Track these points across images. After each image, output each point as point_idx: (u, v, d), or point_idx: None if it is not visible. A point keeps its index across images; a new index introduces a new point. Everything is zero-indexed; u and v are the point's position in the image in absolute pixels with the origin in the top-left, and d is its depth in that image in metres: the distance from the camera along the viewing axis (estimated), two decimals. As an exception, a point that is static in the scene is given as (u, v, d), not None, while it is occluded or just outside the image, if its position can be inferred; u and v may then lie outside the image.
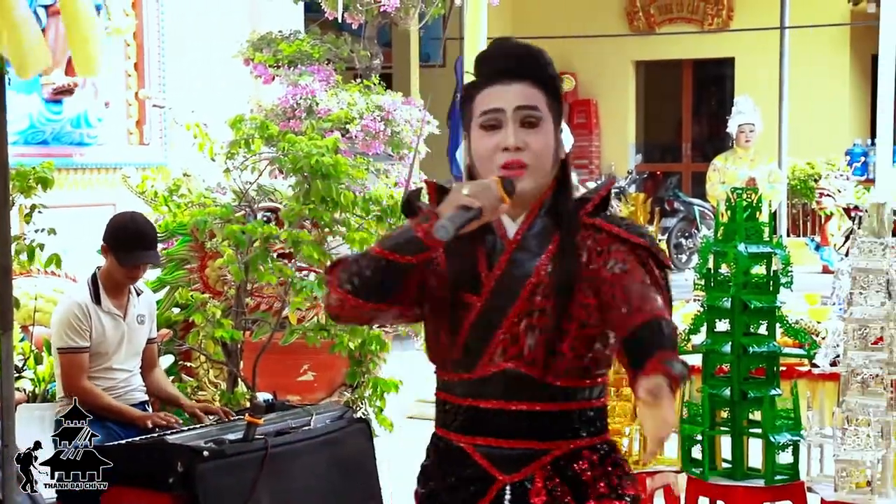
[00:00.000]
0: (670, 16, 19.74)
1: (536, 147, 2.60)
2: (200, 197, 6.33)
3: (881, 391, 4.75)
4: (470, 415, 2.63)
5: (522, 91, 2.61)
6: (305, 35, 8.92)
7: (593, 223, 2.63)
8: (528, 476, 2.60)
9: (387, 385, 5.93)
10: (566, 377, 2.59)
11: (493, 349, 2.59)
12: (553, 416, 2.60)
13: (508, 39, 2.71)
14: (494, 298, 2.59)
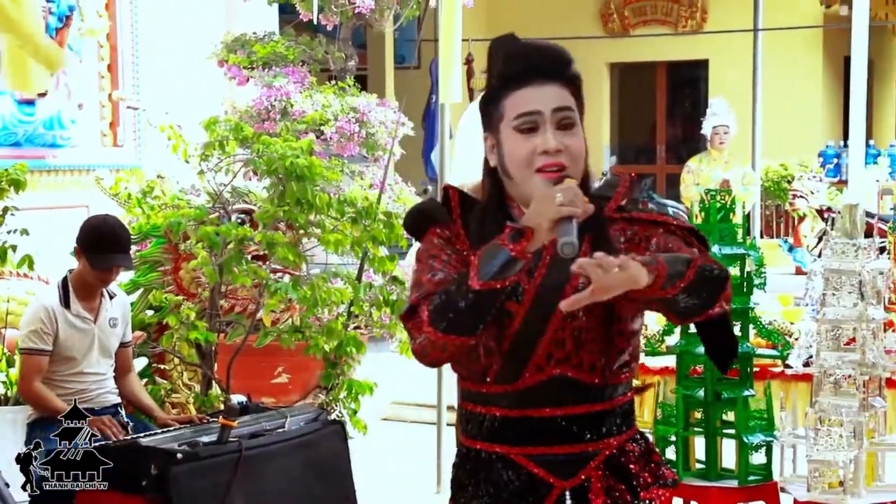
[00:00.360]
0: (644, 18, 19.80)
1: (575, 149, 2.56)
2: (174, 199, 6.31)
3: (853, 392, 4.77)
4: (521, 425, 2.60)
5: (557, 92, 2.57)
6: (280, 37, 8.91)
7: (626, 216, 2.64)
8: (586, 479, 2.60)
9: (361, 387, 5.92)
10: (610, 375, 2.60)
11: (540, 356, 2.56)
12: (601, 415, 2.61)
13: (518, 39, 2.66)
14: (537, 305, 2.55)
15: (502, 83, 2.60)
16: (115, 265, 5.07)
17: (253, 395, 5.17)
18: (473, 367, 2.61)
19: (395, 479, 7.12)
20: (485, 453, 2.64)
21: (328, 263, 7.22)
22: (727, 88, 15.69)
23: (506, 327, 2.55)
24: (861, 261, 4.80)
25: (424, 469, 7.03)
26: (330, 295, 5.58)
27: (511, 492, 2.60)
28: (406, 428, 8.52)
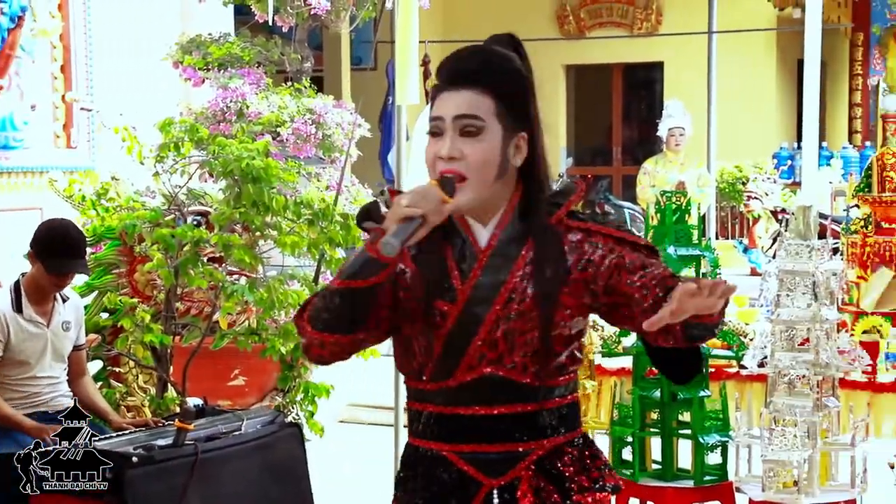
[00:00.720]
0: (600, 20, 19.87)
1: (473, 157, 2.55)
2: (129, 201, 6.27)
3: (807, 392, 4.81)
4: (452, 422, 2.63)
5: (467, 99, 2.57)
6: (235, 38, 8.88)
7: (567, 224, 2.64)
8: (515, 478, 2.61)
9: (318, 389, 5.91)
10: (543, 377, 2.61)
11: (472, 356, 2.59)
12: (533, 416, 2.62)
13: (481, 45, 2.68)
14: (470, 305, 2.58)
15: (433, 87, 2.66)
16: (71, 271, 5.03)
17: (209, 398, 5.14)
18: (411, 366, 2.65)
19: (352, 481, 7.11)
20: (422, 450, 2.67)
21: (285, 265, 7.20)
22: (682, 90, 15.78)
23: (439, 327, 2.58)
24: (815, 262, 4.84)
25: (381, 471, 7.02)
26: (287, 297, 5.56)
27: (443, 488, 2.62)
28: (363, 430, 8.51)
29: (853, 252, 6.53)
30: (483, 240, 2.62)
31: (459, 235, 2.63)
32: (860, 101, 19.46)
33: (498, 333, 2.58)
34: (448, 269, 2.61)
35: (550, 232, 2.62)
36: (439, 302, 2.58)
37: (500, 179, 2.59)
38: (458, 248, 2.63)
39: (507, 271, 2.59)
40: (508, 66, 2.64)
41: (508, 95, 2.61)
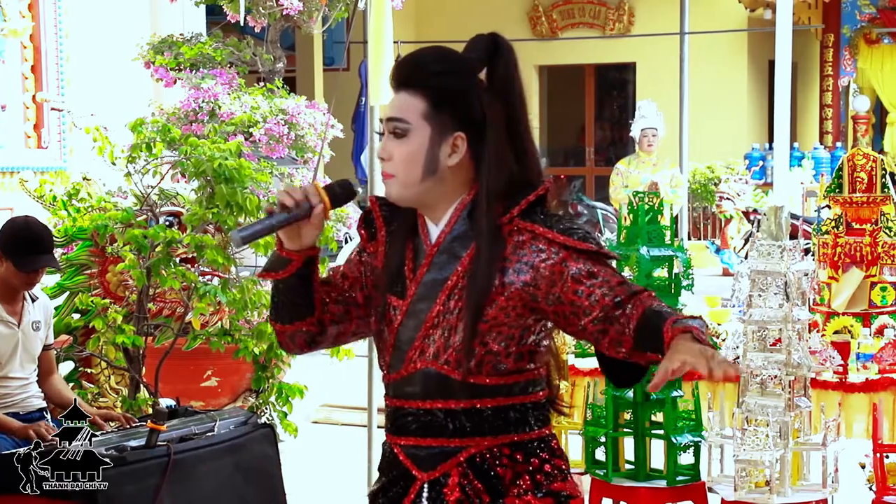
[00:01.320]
0: (572, 21, 19.91)
1: (398, 157, 2.63)
2: (101, 201, 6.24)
3: (779, 392, 4.83)
4: (397, 415, 2.70)
5: (399, 101, 2.65)
6: (207, 38, 8.85)
7: (517, 225, 2.63)
8: (445, 473, 2.64)
9: (292, 390, 5.90)
10: (482, 375, 2.62)
11: (414, 350, 2.64)
12: (469, 413, 2.63)
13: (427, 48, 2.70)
14: (417, 301, 2.64)
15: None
16: (42, 266, 5.01)
17: (182, 399, 5.12)
18: (380, 360, 2.74)
19: (326, 482, 7.10)
20: (385, 443, 2.76)
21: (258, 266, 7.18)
22: (655, 91, 15.84)
23: (392, 321, 2.67)
24: (786, 262, 4.86)
25: (355, 472, 7.01)
26: (260, 297, 5.55)
27: (390, 479, 2.72)
28: (336, 431, 8.50)
29: (824, 252, 6.55)
30: (433, 237, 2.68)
31: (417, 234, 2.70)
32: (831, 102, 19.57)
33: (437, 330, 2.62)
34: (404, 264, 2.68)
35: (494, 232, 2.62)
36: (391, 297, 2.67)
37: (431, 178, 2.63)
38: (415, 246, 2.69)
39: (451, 269, 2.63)
40: (442, 67, 2.64)
41: (440, 97, 2.62)
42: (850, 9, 19.09)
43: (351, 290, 2.74)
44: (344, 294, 2.75)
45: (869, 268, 6.46)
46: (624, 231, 5.14)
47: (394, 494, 2.69)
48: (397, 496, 2.68)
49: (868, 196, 6.47)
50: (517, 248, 2.61)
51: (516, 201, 2.63)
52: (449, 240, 2.66)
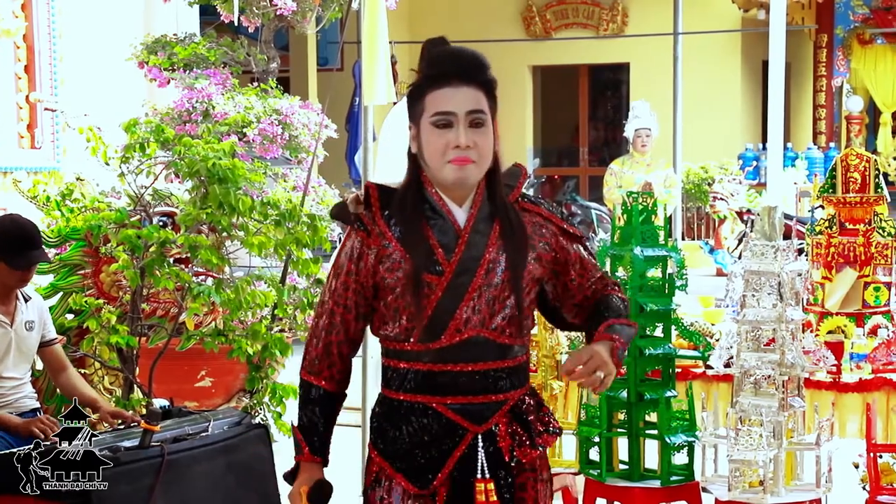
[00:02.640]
0: (566, 21, 19.92)
1: (483, 146, 2.99)
2: (94, 201, 6.24)
3: (773, 392, 4.83)
4: (441, 378, 3.01)
5: (471, 95, 2.98)
6: (201, 38, 8.83)
7: (524, 206, 3.10)
8: (495, 425, 3.04)
9: (286, 390, 5.90)
10: (515, 337, 3.06)
11: (458, 320, 2.99)
12: (508, 371, 3.06)
13: (446, 43, 3.05)
14: (456, 277, 2.99)
15: (425, 82, 3.02)
16: (35, 262, 5.00)
17: (175, 399, 5.12)
18: (395, 330, 3.05)
19: (320, 483, 7.08)
20: (407, 403, 3.05)
21: (252, 266, 7.17)
22: (648, 91, 15.84)
23: (428, 296, 2.99)
24: (780, 262, 4.86)
25: (349, 471, 7.00)
26: (254, 298, 5.55)
27: (432, 436, 3.02)
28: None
29: (818, 253, 6.56)
30: (461, 219, 3.03)
31: (440, 216, 3.03)
32: (824, 103, 19.60)
33: (481, 300, 3.00)
34: (432, 246, 3.01)
35: (512, 210, 3.07)
36: (426, 275, 2.99)
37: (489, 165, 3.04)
38: (438, 227, 3.03)
39: (484, 245, 3.02)
40: (489, 65, 3.04)
41: (492, 93, 3.04)
42: (843, 9, 19.12)
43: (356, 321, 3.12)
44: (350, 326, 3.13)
45: (862, 268, 6.46)
46: (618, 231, 5.14)
47: (443, 449, 3.02)
48: (447, 450, 3.02)
49: (861, 196, 6.48)
50: (534, 227, 3.09)
51: (511, 185, 3.10)
52: (478, 220, 3.03)
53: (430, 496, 3.03)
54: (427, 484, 3.02)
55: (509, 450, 3.04)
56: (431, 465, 3.02)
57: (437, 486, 3.02)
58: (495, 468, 3.04)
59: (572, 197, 17.18)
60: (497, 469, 3.04)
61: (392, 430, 3.07)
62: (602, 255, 5.15)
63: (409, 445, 3.03)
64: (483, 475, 3.03)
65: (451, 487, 3.03)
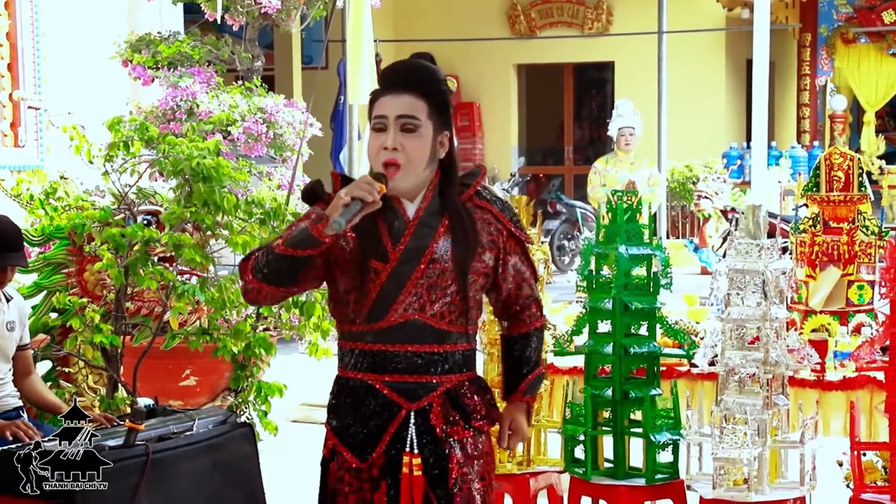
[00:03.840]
0: (551, 20, 19.92)
1: (411, 149, 3.21)
2: (78, 200, 6.22)
3: (757, 390, 4.84)
4: (379, 357, 3.25)
5: (406, 102, 3.21)
6: (185, 36, 8.82)
7: (476, 203, 3.33)
8: (428, 404, 3.26)
9: (271, 389, 5.89)
10: (455, 324, 3.28)
11: (399, 304, 3.23)
12: (445, 355, 3.28)
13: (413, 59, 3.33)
14: (400, 265, 3.22)
15: (377, 90, 3.29)
16: (12, 264, 4.97)
17: (160, 398, 5.11)
18: (345, 312, 3.28)
19: (305, 481, 7.08)
20: (352, 381, 3.30)
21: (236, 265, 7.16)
22: (633, 90, 15.86)
23: (373, 281, 3.22)
24: (764, 261, 4.87)
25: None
26: (238, 296, 5.54)
27: (371, 411, 3.26)
28: (316, 429, 8.48)
29: (802, 251, 6.57)
30: (411, 213, 3.27)
31: (392, 210, 3.25)
32: (808, 101, 19.64)
33: (422, 287, 3.23)
34: (381, 235, 3.24)
35: (462, 207, 3.29)
36: (373, 261, 3.22)
37: (429, 167, 3.27)
38: (389, 219, 3.25)
39: (430, 238, 3.24)
40: (438, 77, 3.29)
41: (438, 102, 3.26)
42: (827, 8, 19.16)
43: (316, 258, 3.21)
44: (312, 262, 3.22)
45: (846, 266, 6.48)
46: (602, 230, 5.15)
47: (378, 423, 3.25)
48: (382, 424, 3.25)
49: (845, 195, 6.50)
50: (483, 224, 3.32)
51: (467, 184, 3.34)
52: (426, 214, 3.26)
53: (368, 468, 3.27)
54: (366, 457, 3.26)
55: (441, 428, 3.25)
56: (370, 440, 3.25)
57: (374, 459, 3.26)
58: (429, 445, 3.25)
59: (557, 195, 17.20)
60: (431, 446, 3.25)
61: (341, 406, 3.31)
62: (587, 254, 5.15)
63: (351, 420, 3.27)
64: (412, 450, 3.25)
65: (385, 461, 3.25)
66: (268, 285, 3.19)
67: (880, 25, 18.78)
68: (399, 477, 3.24)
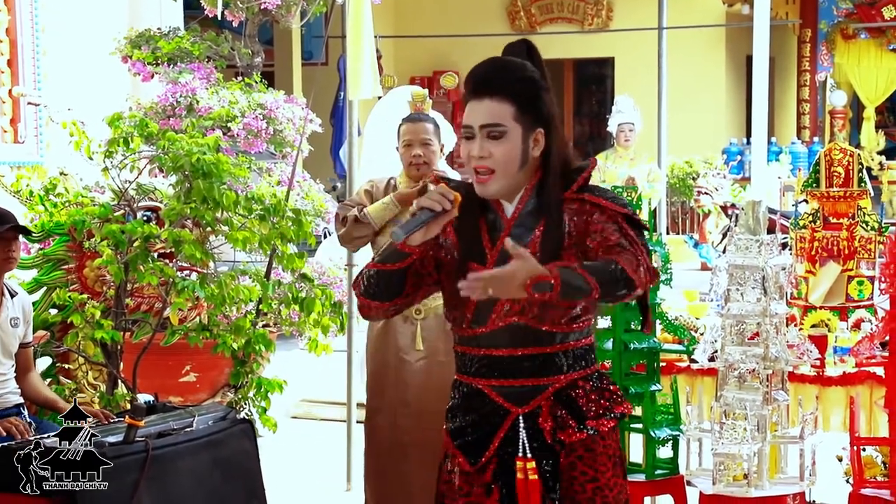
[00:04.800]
0: (551, 16, 19.92)
1: (499, 156, 3.16)
2: (78, 196, 6.21)
3: (757, 385, 4.85)
4: (486, 362, 3.24)
5: (489, 108, 3.16)
6: (185, 32, 8.81)
7: (581, 197, 3.21)
8: (537, 406, 3.21)
9: (271, 385, 5.89)
10: (558, 325, 3.19)
11: (500, 308, 3.18)
12: (551, 356, 3.21)
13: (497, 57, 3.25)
14: (498, 265, 3.07)
15: (465, 94, 3.24)
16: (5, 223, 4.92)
17: (160, 395, 5.11)
18: (454, 315, 3.28)
19: (305, 477, 7.09)
20: (465, 385, 3.29)
21: (236, 261, 7.16)
22: (633, 86, 15.85)
23: None
24: (764, 256, 4.87)
25: (334, 466, 7.01)
26: (238, 293, 5.54)
27: (480, 415, 3.24)
28: (316, 426, 8.49)
29: (801, 247, 6.57)
30: (509, 213, 3.24)
31: (492, 211, 3.25)
32: (808, 97, 19.64)
33: None
34: (480, 237, 3.24)
35: (557, 208, 3.20)
36: (472, 263, 3.19)
37: (522, 168, 3.20)
38: (489, 220, 3.25)
39: (528, 239, 3.19)
40: (522, 74, 3.20)
41: (524, 101, 3.18)
42: (827, 4, 19.15)
43: (423, 266, 3.24)
44: (419, 270, 3.24)
45: (846, 262, 6.48)
46: (602, 225, 5.14)
47: (489, 427, 3.23)
48: (492, 429, 3.22)
49: (845, 190, 6.50)
50: (571, 215, 3.19)
51: (573, 178, 3.23)
52: (524, 214, 3.22)
53: (480, 472, 3.24)
54: (478, 461, 3.23)
55: (551, 431, 3.19)
56: (481, 444, 3.24)
57: (485, 464, 3.23)
58: (540, 449, 3.21)
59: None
60: (542, 449, 3.21)
61: (455, 409, 3.31)
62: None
63: (464, 424, 3.27)
64: (524, 454, 3.21)
65: (498, 465, 3.22)
66: (372, 300, 3.24)
67: (880, 21, 18.77)
68: (512, 482, 3.21)
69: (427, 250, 3.23)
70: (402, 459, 5.24)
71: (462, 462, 3.26)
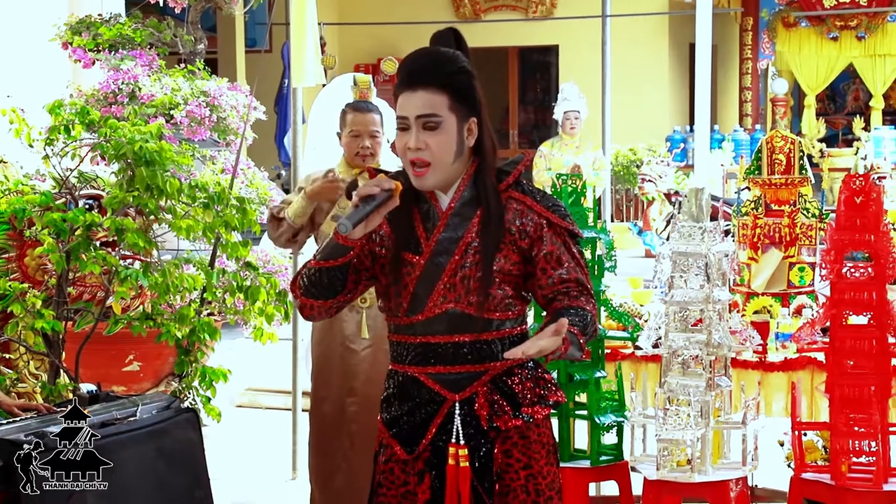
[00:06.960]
0: (495, 3, 19.94)
1: (435, 147, 3.17)
2: (18, 184, 6.14)
3: (700, 372, 4.88)
4: (422, 349, 3.24)
5: (423, 99, 3.15)
6: (126, 19, 8.71)
7: (512, 195, 3.24)
8: (473, 393, 3.22)
9: (215, 374, 5.85)
10: (494, 311, 3.21)
11: (437, 296, 3.20)
12: (487, 343, 3.22)
13: (428, 48, 3.23)
14: (434, 256, 3.21)
15: (397, 85, 3.22)
16: None
17: (103, 384, 5.07)
18: (390, 306, 3.28)
19: (250, 466, 7.07)
20: (401, 374, 3.29)
21: (180, 249, 7.12)
22: (577, 74, 15.91)
23: (409, 274, 3.22)
24: (707, 244, 4.91)
25: (280, 455, 7.00)
26: (182, 281, 5.50)
27: (417, 403, 3.25)
28: (261, 414, 8.47)
29: (744, 234, 6.62)
30: (444, 204, 3.24)
31: (426, 202, 3.25)
32: (750, 85, 19.81)
33: (457, 278, 3.20)
34: (415, 228, 3.24)
35: (493, 197, 3.21)
36: (407, 254, 3.22)
37: (458, 158, 3.21)
38: (423, 211, 3.25)
39: (464, 229, 3.21)
40: (455, 65, 3.20)
41: (458, 90, 3.18)
42: (768, -7, 19.31)
43: (360, 261, 3.23)
44: (357, 265, 3.22)
45: (787, 248, 6.54)
46: (547, 213, 5.15)
47: (424, 415, 3.23)
48: (428, 416, 3.23)
49: (786, 178, 6.55)
50: (516, 214, 3.22)
51: (507, 171, 3.26)
52: (459, 204, 3.23)
53: (415, 460, 3.25)
54: (413, 449, 3.24)
55: (487, 417, 3.20)
56: (416, 432, 3.24)
57: (420, 452, 3.24)
58: (475, 436, 3.22)
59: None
60: (477, 436, 3.22)
61: (391, 399, 3.30)
62: (532, 237, 5.16)
63: (399, 413, 3.26)
64: (458, 441, 3.21)
65: (432, 453, 3.23)
66: (314, 300, 3.21)
67: (820, 10, 18.96)
68: (444, 469, 3.21)
69: (363, 244, 3.22)
70: (349, 447, 5.24)
71: (399, 451, 3.26)
